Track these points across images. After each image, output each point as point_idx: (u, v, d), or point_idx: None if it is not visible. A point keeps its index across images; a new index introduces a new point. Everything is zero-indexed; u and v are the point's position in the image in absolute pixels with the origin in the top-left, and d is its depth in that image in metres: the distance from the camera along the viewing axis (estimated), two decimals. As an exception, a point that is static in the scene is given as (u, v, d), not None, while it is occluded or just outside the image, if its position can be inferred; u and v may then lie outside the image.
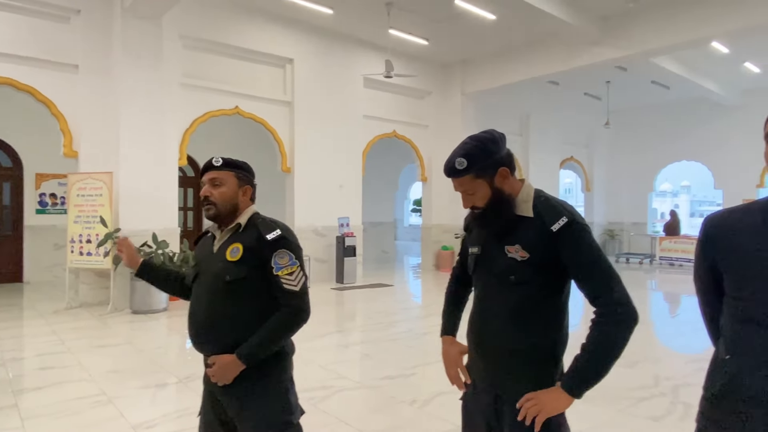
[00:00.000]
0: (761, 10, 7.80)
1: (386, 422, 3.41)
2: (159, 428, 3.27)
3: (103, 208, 7.20)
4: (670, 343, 6.26)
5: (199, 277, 1.79)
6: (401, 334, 6.04)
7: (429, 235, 12.64)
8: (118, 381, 4.21)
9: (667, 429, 3.38)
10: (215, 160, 1.78)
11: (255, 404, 1.69)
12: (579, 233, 1.45)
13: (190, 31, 8.32)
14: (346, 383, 4.20)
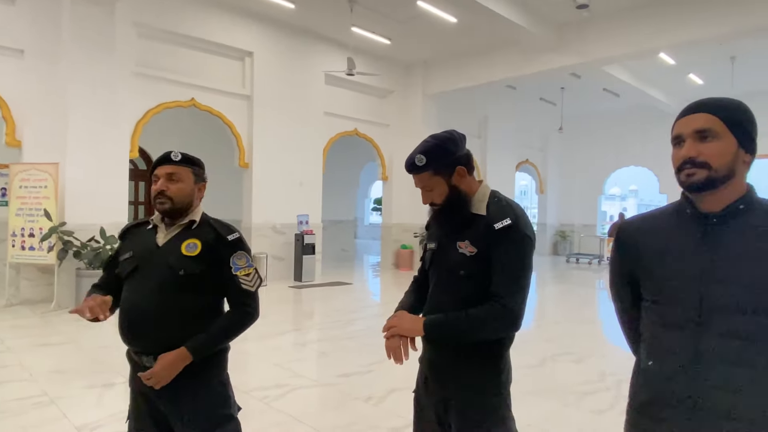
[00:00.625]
0: (704, 25, 8.24)
1: (342, 419, 3.39)
2: (104, 429, 3.13)
3: (48, 200, 6.83)
4: (615, 340, 6.47)
5: (139, 270, 1.71)
6: (359, 332, 6.03)
7: (389, 234, 12.68)
8: (62, 381, 4.01)
9: (610, 422, 3.47)
10: (174, 155, 1.73)
11: (194, 401, 1.66)
12: (515, 237, 1.51)
13: (145, 19, 8.01)
14: (302, 381, 4.15)
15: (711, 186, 1.13)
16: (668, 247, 1.22)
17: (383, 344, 1.57)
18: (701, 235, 1.17)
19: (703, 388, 1.11)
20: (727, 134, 1.13)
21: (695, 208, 1.20)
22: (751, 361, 1.07)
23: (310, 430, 3.19)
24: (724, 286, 1.11)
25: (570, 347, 5.48)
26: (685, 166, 1.15)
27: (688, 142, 1.16)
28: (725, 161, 1.12)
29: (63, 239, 6.71)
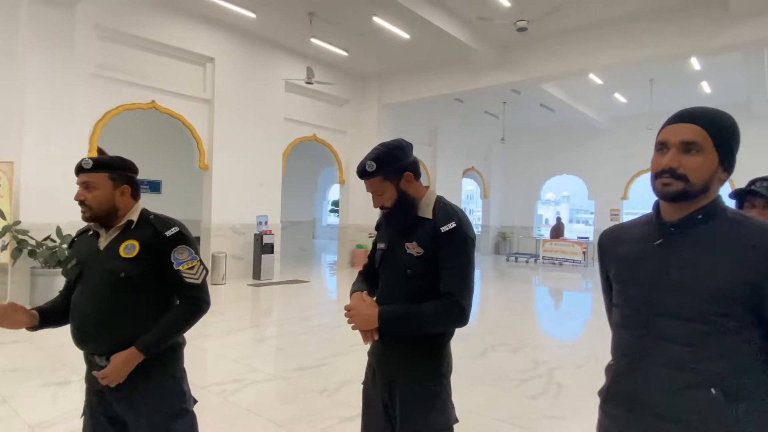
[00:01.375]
0: (626, 51, 8.71)
1: (297, 411, 3.36)
2: (59, 427, 2.97)
3: (2, 199, 6.38)
4: (548, 331, 6.75)
5: (84, 276, 1.64)
6: (315, 328, 5.99)
7: (345, 235, 12.63)
8: (16, 380, 3.77)
9: (543, 406, 3.62)
10: (84, 162, 1.63)
11: (149, 397, 1.60)
12: (459, 240, 1.54)
13: (106, 22, 7.64)
14: (259, 376, 4.08)
15: (685, 198, 1.08)
16: (630, 254, 1.20)
17: (338, 339, 1.59)
18: (659, 243, 1.14)
19: (645, 388, 1.10)
20: (711, 150, 1.07)
21: (659, 217, 1.16)
22: (692, 366, 1.04)
23: (266, 423, 3.15)
24: (673, 293, 1.08)
25: (508, 338, 5.63)
26: (663, 175, 1.09)
27: (672, 151, 1.09)
28: (703, 177, 1.07)
29: (17, 238, 6.30)
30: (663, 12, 8.20)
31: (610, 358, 1.22)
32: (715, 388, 1.01)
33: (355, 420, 3.13)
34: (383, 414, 1.65)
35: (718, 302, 1.02)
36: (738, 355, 1.02)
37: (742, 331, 1.02)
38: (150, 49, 8.37)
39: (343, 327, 6.09)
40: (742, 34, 7.63)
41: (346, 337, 5.27)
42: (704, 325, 1.03)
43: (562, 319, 7.62)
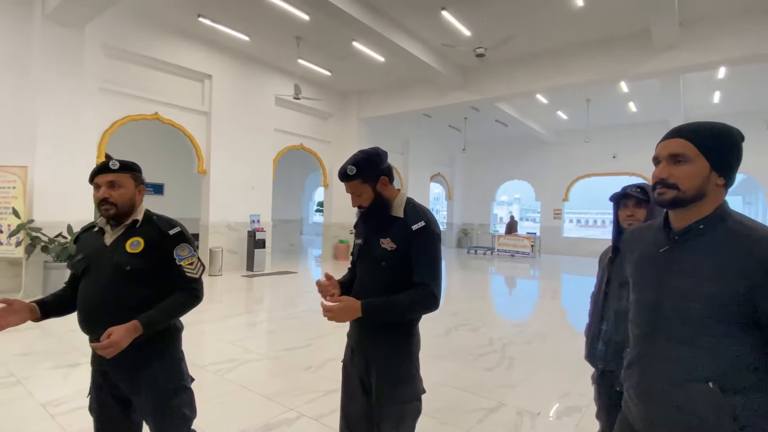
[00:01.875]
0: (569, 75, 8.91)
1: (285, 385, 3.33)
2: (69, 404, 2.85)
3: (16, 200, 6.11)
4: (502, 312, 6.85)
5: (91, 269, 1.59)
6: (302, 313, 5.93)
7: (329, 231, 12.55)
8: (28, 363, 3.61)
9: (497, 377, 3.68)
10: (112, 164, 1.58)
11: (151, 376, 1.56)
12: (428, 236, 1.55)
13: (113, 42, 7.38)
14: (251, 356, 4.02)
15: (679, 205, 1.05)
16: (641, 258, 1.17)
17: (322, 323, 1.57)
18: (666, 249, 1.10)
19: (650, 379, 1.09)
20: (699, 158, 1.03)
21: (667, 224, 1.12)
22: (691, 362, 1.02)
23: (258, 397, 3.11)
24: (675, 297, 1.05)
25: (468, 319, 5.69)
26: (657, 186, 1.07)
27: (662, 164, 1.08)
28: (694, 184, 1.03)
29: (31, 235, 6.04)
30: (598, 43, 8.44)
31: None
32: (712, 382, 0.99)
33: (336, 393, 3.11)
34: (360, 388, 1.65)
35: (715, 308, 0.99)
36: (733, 355, 0.99)
37: (736, 333, 0.99)
38: (153, 66, 8.13)
39: (327, 311, 6.08)
40: (662, 63, 7.90)
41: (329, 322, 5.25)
42: (702, 328, 1.01)
43: (514, 302, 7.76)
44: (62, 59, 6.53)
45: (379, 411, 1.56)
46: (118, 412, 1.60)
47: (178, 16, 7.81)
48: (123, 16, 7.44)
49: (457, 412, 2.96)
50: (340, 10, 6.71)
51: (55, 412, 2.76)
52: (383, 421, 1.55)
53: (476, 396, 3.23)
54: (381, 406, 1.56)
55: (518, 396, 3.25)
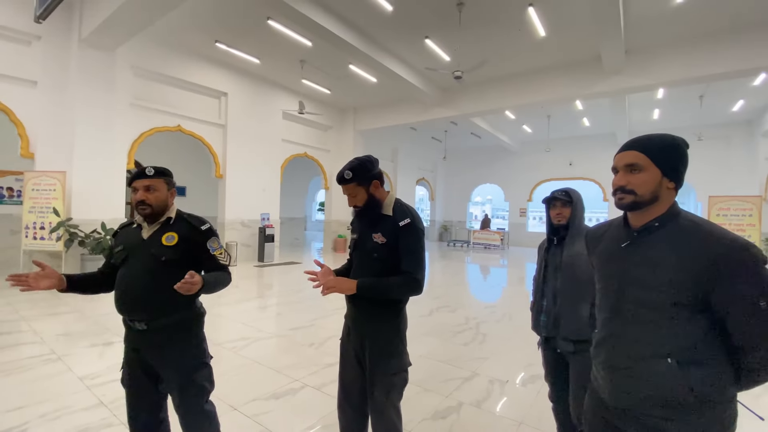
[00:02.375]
0: (532, 94, 8.98)
1: (291, 360, 3.33)
2: (103, 378, 2.82)
3: (57, 201, 6.02)
4: (476, 295, 6.88)
5: (129, 260, 1.58)
6: (306, 297, 5.92)
7: (329, 227, 12.51)
8: (68, 342, 3.55)
9: (472, 350, 3.70)
10: (148, 170, 1.58)
11: (179, 352, 1.57)
12: (414, 231, 1.56)
13: (141, 63, 7.28)
14: (262, 334, 4.01)
15: (636, 208, 1.06)
16: (604, 252, 1.16)
17: (323, 305, 1.58)
18: (626, 244, 1.09)
19: (614, 356, 1.08)
20: (651, 167, 1.03)
21: (627, 223, 1.12)
22: (651, 341, 1.02)
23: (268, 370, 3.10)
24: (635, 286, 1.05)
25: (447, 302, 5.72)
26: (617, 192, 1.07)
27: (620, 173, 1.07)
28: (648, 189, 1.03)
29: (69, 231, 5.95)
30: (557, 68, 8.51)
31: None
32: (671, 358, 0.99)
33: (334, 366, 3.11)
34: (355, 360, 1.66)
35: (670, 294, 0.98)
36: (688, 334, 0.98)
37: (690, 315, 0.98)
38: (176, 84, 8.03)
39: (328, 296, 6.03)
40: (611, 84, 8.00)
41: (329, 304, 5.23)
42: (659, 311, 1.00)
43: (486, 287, 7.81)
44: (96, 78, 6.42)
45: (372, 381, 1.57)
46: (147, 384, 1.59)
47: (198, 42, 7.71)
48: (150, 40, 7.33)
49: (438, 380, 2.99)
50: (338, 38, 6.69)
51: (91, 384, 2.73)
52: (376, 389, 1.56)
53: (454, 367, 3.26)
54: (374, 376, 1.57)
55: (490, 367, 3.29)
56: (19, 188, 8.01)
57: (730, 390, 1.00)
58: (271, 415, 2.41)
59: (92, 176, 6.44)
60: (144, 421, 1.60)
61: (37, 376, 2.83)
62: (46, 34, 6.14)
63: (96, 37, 6.09)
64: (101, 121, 6.52)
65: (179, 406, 1.57)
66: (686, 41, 7.15)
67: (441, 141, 15.79)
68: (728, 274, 0.94)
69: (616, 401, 1.09)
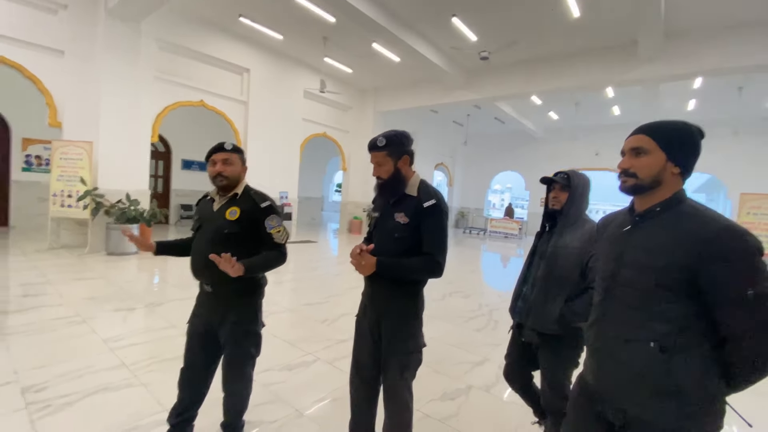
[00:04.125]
0: (561, 79, 8.61)
1: (304, 334, 3.39)
2: (125, 341, 2.95)
3: (83, 170, 6.20)
4: (490, 283, 6.85)
5: (202, 228, 1.74)
6: (320, 275, 6.01)
7: (346, 209, 12.55)
8: (93, 306, 3.69)
9: (484, 336, 3.70)
10: (227, 145, 1.70)
11: (237, 316, 1.71)
12: (438, 213, 1.52)
13: (165, 36, 7.29)
14: (278, 308, 4.09)
15: (638, 191, 1.06)
16: (611, 235, 1.16)
17: (337, 283, 1.60)
18: (628, 228, 1.09)
19: (602, 337, 1.10)
20: (656, 151, 1.03)
21: (632, 208, 1.12)
22: (637, 324, 1.02)
23: (282, 342, 3.17)
24: (628, 269, 1.05)
25: (461, 287, 5.71)
26: (621, 175, 1.08)
27: (626, 156, 1.08)
28: (651, 173, 1.03)
29: (96, 200, 6.15)
30: (589, 52, 8.09)
31: None
32: (654, 342, 0.99)
33: (346, 342, 3.17)
34: (370, 338, 1.65)
35: (660, 278, 0.98)
36: (673, 319, 0.98)
37: (677, 301, 0.97)
38: (200, 59, 8.03)
39: (341, 275, 6.11)
40: (646, 72, 7.57)
41: (343, 282, 5.29)
42: (648, 295, 1.00)
43: (500, 274, 7.75)
44: (122, 50, 6.48)
45: (387, 360, 1.57)
46: (204, 341, 1.73)
47: (222, 16, 7.65)
48: (174, 13, 7.31)
49: (449, 363, 2.99)
50: (362, 14, 6.51)
51: (114, 346, 2.85)
52: (390, 368, 1.56)
53: (465, 351, 3.26)
54: (389, 355, 1.56)
55: (501, 353, 3.24)
56: (47, 157, 8.32)
57: (716, 385, 0.97)
58: (284, 385, 2.47)
59: (117, 147, 6.59)
60: (192, 373, 1.74)
61: (61, 336, 2.96)
62: (72, 3, 6.19)
63: (122, 8, 6.11)
64: (126, 93, 6.61)
65: (227, 364, 1.73)
66: (729, 27, 6.64)
67: (462, 125, 15.46)
68: (716, 258, 0.92)
69: (599, 383, 1.10)
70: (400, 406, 1.55)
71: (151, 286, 4.75)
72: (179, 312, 3.57)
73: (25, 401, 2.08)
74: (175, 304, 3.85)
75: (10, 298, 3.77)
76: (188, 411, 1.75)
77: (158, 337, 3.07)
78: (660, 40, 6.87)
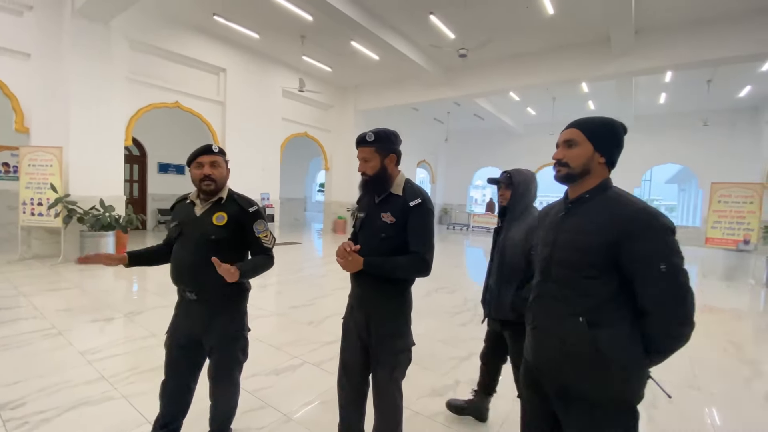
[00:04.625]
0: (538, 75, 8.78)
1: (290, 337, 3.36)
2: (104, 353, 2.85)
3: (54, 177, 5.94)
4: (474, 278, 6.92)
5: (183, 235, 1.66)
6: (305, 277, 5.95)
7: (329, 209, 12.47)
8: (68, 317, 3.56)
9: (470, 331, 3.74)
10: (214, 147, 1.66)
11: (224, 323, 1.67)
12: (424, 212, 1.53)
13: (137, 36, 7.05)
14: (263, 312, 4.04)
15: (571, 180, 1.15)
16: (549, 223, 1.24)
17: (322, 285, 1.59)
18: (562, 215, 1.18)
19: (541, 315, 1.18)
20: (585, 143, 1.12)
21: (566, 196, 1.20)
22: (568, 300, 1.10)
23: (268, 347, 3.13)
24: (560, 250, 1.14)
25: (446, 283, 5.75)
26: (555, 165, 1.17)
27: (560, 148, 1.17)
28: (581, 162, 1.12)
29: (68, 207, 5.91)
30: (564, 49, 8.28)
31: None
32: (582, 317, 1.06)
33: (333, 344, 3.16)
34: (357, 340, 1.65)
35: (586, 257, 1.07)
36: (599, 295, 1.06)
37: (602, 277, 1.05)
38: (174, 59, 7.81)
39: (327, 276, 6.07)
40: (618, 67, 7.80)
41: (329, 283, 5.26)
42: (576, 273, 1.09)
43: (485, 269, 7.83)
44: (91, 50, 6.24)
45: (377, 359, 1.57)
46: (187, 351, 1.68)
47: (196, 14, 7.46)
48: (146, 12, 7.08)
49: (436, 359, 3.02)
50: (340, 13, 6.46)
51: (92, 358, 2.75)
52: (380, 367, 1.56)
53: (452, 347, 3.29)
54: (378, 355, 1.57)
55: (487, 347, 3.32)
56: (15, 164, 7.95)
57: (638, 355, 1.05)
58: (271, 390, 2.44)
59: (89, 152, 6.35)
60: (175, 384, 1.69)
61: (37, 350, 2.85)
62: (38, 4, 5.92)
63: (90, 8, 5.88)
64: (97, 95, 6.38)
65: (214, 371, 1.68)
66: (698, 22, 6.92)
67: (443, 122, 15.57)
68: (633, 235, 1.01)
69: (536, 359, 1.19)
70: (390, 406, 1.56)
71: (129, 295, 4.59)
72: (160, 320, 3.48)
73: (2, 419, 1.99)
74: (156, 312, 3.74)
75: (-23, 313, 3.59)
76: (173, 423, 1.71)
77: (138, 347, 2.98)
78: (631, 35, 7.09)
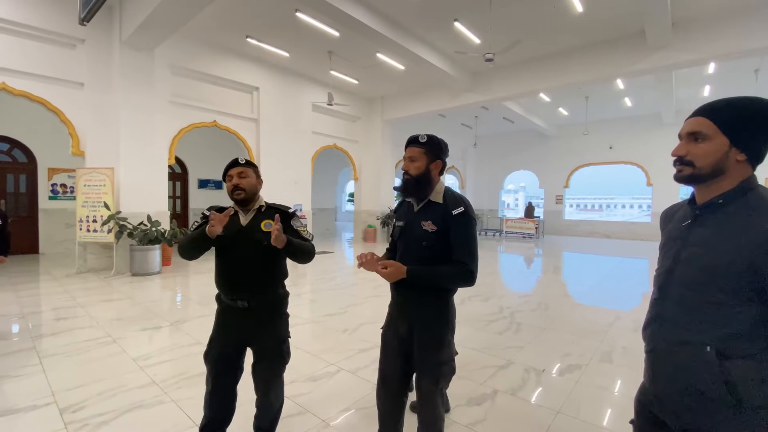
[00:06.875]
0: (569, 75, 8.52)
1: (326, 345, 3.41)
2: (154, 359, 3.03)
3: (106, 195, 6.44)
4: (510, 285, 6.72)
5: (231, 244, 1.72)
6: (338, 285, 6.03)
7: (359, 218, 12.61)
8: (121, 326, 3.82)
9: (506, 339, 3.64)
10: (240, 159, 1.76)
11: (272, 327, 1.76)
12: (466, 220, 1.52)
13: (178, 62, 7.57)
14: (298, 320, 4.13)
15: (695, 181, 0.95)
16: (670, 231, 1.07)
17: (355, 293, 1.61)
18: (688, 223, 0.99)
19: (657, 338, 1.03)
20: (717, 135, 0.90)
21: (693, 200, 1.00)
22: (691, 327, 0.94)
23: (304, 353, 3.20)
24: (685, 266, 0.96)
25: (480, 291, 5.64)
26: (676, 162, 0.97)
27: (682, 142, 0.96)
28: (710, 161, 0.91)
29: (119, 224, 6.36)
30: (596, 45, 8.01)
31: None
32: (710, 346, 0.89)
33: (368, 351, 3.18)
34: (398, 351, 1.63)
35: (718, 279, 0.88)
36: (733, 324, 0.88)
37: (737, 304, 0.87)
38: (211, 81, 8.29)
39: (359, 284, 6.12)
40: (656, 61, 7.43)
41: (361, 292, 5.30)
42: (705, 295, 0.91)
43: (520, 276, 7.61)
44: (137, 78, 6.74)
45: (421, 370, 1.55)
46: (234, 359, 1.75)
47: (230, 38, 7.90)
48: (185, 39, 7.60)
49: (473, 368, 2.96)
50: (366, 26, 6.63)
51: (144, 364, 2.93)
52: (425, 378, 1.54)
53: (488, 355, 3.22)
54: (423, 365, 1.55)
55: (525, 355, 3.22)
56: (72, 184, 8.69)
57: None
58: (310, 396, 2.49)
59: (137, 171, 6.83)
60: (223, 393, 1.75)
61: (94, 357, 3.07)
62: (89, 37, 6.50)
63: (136, 39, 6.38)
64: (143, 118, 6.87)
65: (266, 374, 1.75)
66: (738, 10, 6.49)
67: (471, 127, 15.40)
68: None
69: (655, 388, 1.03)
70: (433, 416, 1.54)
71: (174, 305, 4.85)
72: (203, 328, 3.65)
73: (64, 421, 2.16)
74: (199, 320, 3.93)
75: (44, 321, 3.94)
76: (219, 429, 1.79)
77: (185, 354, 3.14)
78: (668, 28, 6.75)
